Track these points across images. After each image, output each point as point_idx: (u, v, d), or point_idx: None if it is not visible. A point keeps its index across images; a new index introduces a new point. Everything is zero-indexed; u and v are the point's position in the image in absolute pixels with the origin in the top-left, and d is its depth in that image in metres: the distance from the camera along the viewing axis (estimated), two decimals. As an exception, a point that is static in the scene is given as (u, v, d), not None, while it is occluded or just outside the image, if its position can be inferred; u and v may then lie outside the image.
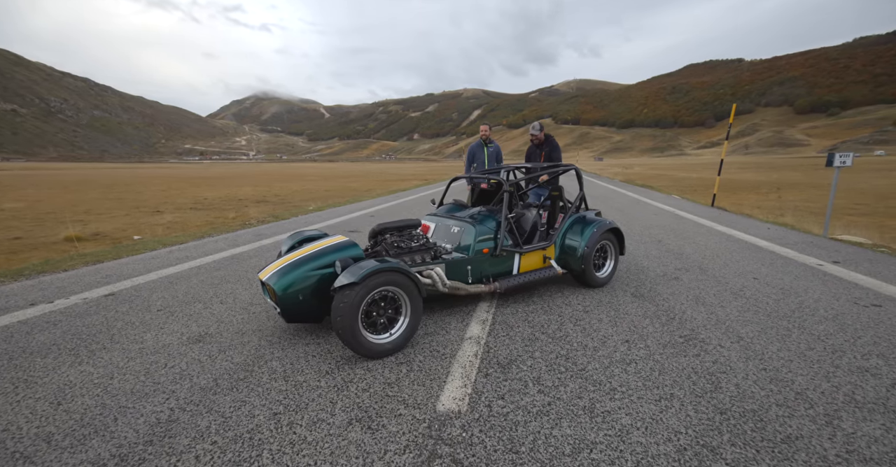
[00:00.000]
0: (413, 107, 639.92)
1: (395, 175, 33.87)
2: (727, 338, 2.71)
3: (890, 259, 4.81)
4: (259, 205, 11.85)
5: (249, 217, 9.18)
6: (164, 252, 5.55)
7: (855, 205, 11.12)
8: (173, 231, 7.53)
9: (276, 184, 22.10)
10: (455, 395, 2.10)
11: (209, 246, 5.92)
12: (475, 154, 5.87)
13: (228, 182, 25.15)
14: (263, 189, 18.80)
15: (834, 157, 7.02)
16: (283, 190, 18.10)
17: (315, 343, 2.78)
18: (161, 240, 6.48)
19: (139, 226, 8.43)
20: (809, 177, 26.55)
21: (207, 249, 5.66)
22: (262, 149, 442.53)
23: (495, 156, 5.82)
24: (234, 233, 6.97)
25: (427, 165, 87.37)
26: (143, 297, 3.68)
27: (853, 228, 7.42)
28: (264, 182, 24.86)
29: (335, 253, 2.86)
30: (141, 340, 2.82)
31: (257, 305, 3.48)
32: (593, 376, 2.25)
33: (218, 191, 17.32)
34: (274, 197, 14.62)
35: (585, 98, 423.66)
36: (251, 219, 8.71)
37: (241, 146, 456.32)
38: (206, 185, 21.56)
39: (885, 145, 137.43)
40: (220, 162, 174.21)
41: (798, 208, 10.38)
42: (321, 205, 11.18)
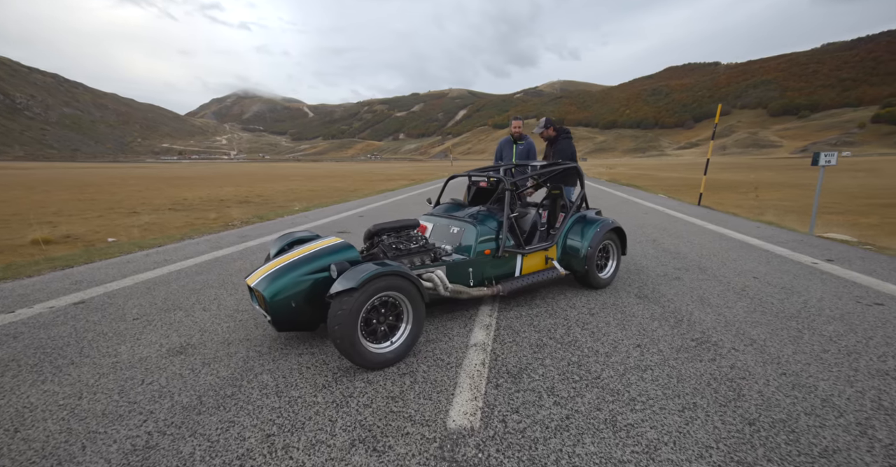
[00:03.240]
0: (398, 106, 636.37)
1: (382, 175, 33.46)
2: (739, 340, 2.62)
3: (880, 257, 4.85)
4: (242, 206, 11.45)
5: (232, 218, 8.83)
6: (140, 255, 5.24)
7: (829, 204, 11.40)
8: (151, 233, 7.16)
9: (258, 185, 21.52)
10: (466, 410, 1.94)
11: (189, 248, 5.62)
12: (503, 151, 5.53)
13: (209, 182, 24.39)
14: (246, 189, 18.26)
15: (819, 157, 7.12)
16: (266, 190, 17.60)
17: (309, 353, 2.58)
18: (137, 242, 6.13)
19: (114, 227, 8.00)
20: (784, 176, 27.28)
21: (188, 252, 5.37)
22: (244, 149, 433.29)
23: (526, 154, 5.33)
24: (216, 235, 6.66)
25: (413, 165, 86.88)
26: (118, 305, 3.41)
27: (831, 226, 7.55)
28: (246, 182, 24.19)
29: (330, 255, 2.67)
30: (114, 353, 2.57)
31: (244, 312, 3.26)
32: (610, 385, 2.12)
33: (198, 192, 16.73)
34: (257, 197, 14.18)
35: (569, 99, 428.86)
36: (234, 220, 8.38)
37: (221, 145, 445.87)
38: (186, 186, 20.85)
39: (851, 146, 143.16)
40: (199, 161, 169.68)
41: (776, 207, 10.56)
42: (307, 206, 10.87)
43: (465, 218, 3.41)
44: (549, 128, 4.92)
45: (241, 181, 25.17)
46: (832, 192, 14.80)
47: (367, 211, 9.73)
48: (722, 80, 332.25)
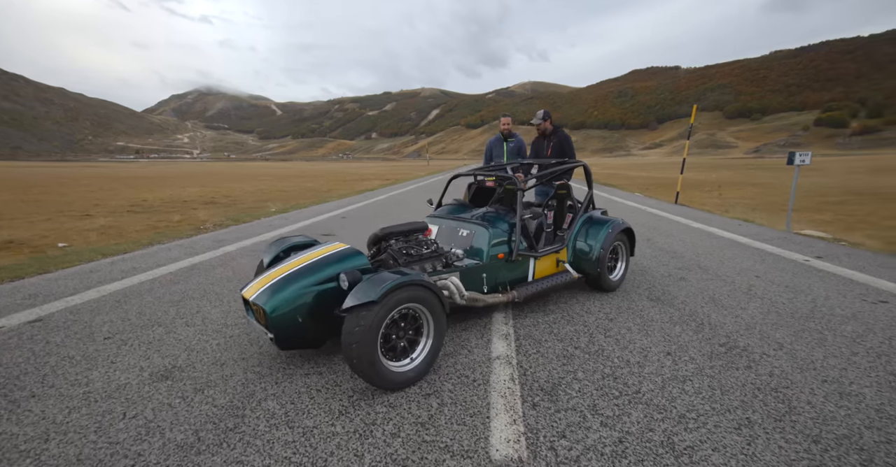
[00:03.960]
0: (370, 105, 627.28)
1: (355, 174, 32.66)
2: (766, 344, 2.55)
3: (863, 253, 5.01)
4: (209, 207, 10.74)
5: (201, 220, 8.25)
6: (104, 263, 4.74)
7: (786, 202, 11.93)
8: (108, 238, 6.54)
9: (225, 185, 20.44)
10: (507, 436, 1.74)
11: (161, 255, 5.15)
12: (493, 149, 5.35)
13: (171, 182, 23.00)
14: (212, 189, 17.26)
15: (794, 156, 7.36)
16: (233, 190, 16.67)
17: (316, 373, 2.32)
18: (98, 248, 5.58)
19: (64, 232, 7.28)
20: (742, 175, 28.47)
21: (159, 259, 4.91)
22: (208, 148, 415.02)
23: (517, 152, 5.21)
24: (188, 240, 6.17)
25: (387, 165, 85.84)
26: (84, 322, 3.00)
27: (795, 223, 7.80)
28: (212, 182, 22.95)
29: (337, 263, 2.41)
30: (86, 381, 2.22)
31: (235, 327, 2.94)
32: (653, 400, 1.98)
33: (159, 193, 15.66)
34: (224, 198, 13.39)
35: (540, 100, 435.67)
36: (205, 223, 7.83)
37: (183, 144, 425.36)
38: (145, 186, 19.53)
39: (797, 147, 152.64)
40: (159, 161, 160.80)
41: (740, 204, 10.90)
42: (284, 207, 10.37)
43: (474, 220, 3.22)
44: (547, 121, 4.78)
45: (206, 181, 23.90)
46: (788, 191, 15.55)
47: (349, 212, 9.37)
48: (682, 83, 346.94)
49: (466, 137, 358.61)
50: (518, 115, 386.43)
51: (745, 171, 34.15)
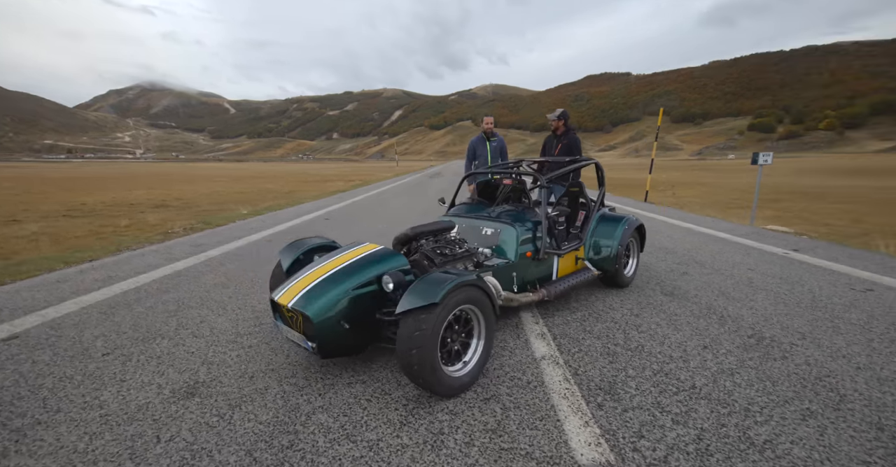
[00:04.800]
0: (331, 105, 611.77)
1: (318, 175, 31.62)
2: (790, 334, 2.67)
3: (830, 245, 5.42)
4: (160, 211, 9.89)
5: (149, 225, 7.64)
6: (71, 272, 4.28)
7: (732, 200, 12.78)
8: (42, 245, 5.86)
9: (176, 186, 19.04)
10: (586, 438, 1.70)
11: (136, 261, 4.72)
12: (476, 149, 5.33)
13: (113, 184, 21.19)
14: (161, 192, 15.96)
15: (758, 157, 7.88)
16: (186, 193, 15.51)
17: (359, 381, 2.17)
18: (58, 256, 5.02)
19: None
20: (689, 176, 30.24)
21: (136, 266, 4.49)
22: (153, 147, 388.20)
23: (499, 151, 5.28)
24: (161, 245, 5.71)
25: (350, 165, 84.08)
26: (71, 338, 2.67)
27: (745, 219, 8.32)
28: (161, 184, 21.29)
29: (377, 264, 2.28)
30: (98, 403, 1.96)
31: (249, 336, 2.71)
32: (712, 394, 2.00)
33: (99, 195, 14.28)
34: (177, 201, 12.38)
35: (501, 102, 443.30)
36: (175, 227, 7.26)
37: (124, 143, 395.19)
38: (81, 188, 17.80)
39: (734, 150, 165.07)
40: (95, 161, 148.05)
41: (693, 203, 11.51)
42: (258, 209, 9.84)
43: (498, 218, 3.16)
44: (561, 121, 4.82)
45: (154, 183, 22.22)
46: (733, 190, 16.67)
47: (331, 213, 9.05)
48: (633, 89, 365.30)
49: (430, 138, 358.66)
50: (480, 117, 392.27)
51: (692, 172, 36.37)
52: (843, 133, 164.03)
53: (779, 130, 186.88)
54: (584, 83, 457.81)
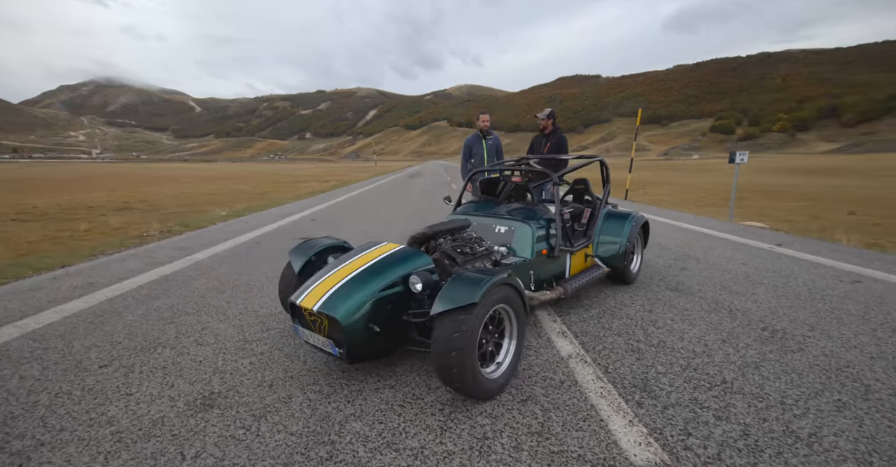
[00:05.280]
0: (303, 104, 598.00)
1: (291, 176, 30.69)
2: (799, 327, 2.75)
3: (808, 240, 5.68)
4: (122, 214, 9.27)
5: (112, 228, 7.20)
6: (44, 279, 3.96)
7: (699, 198, 13.31)
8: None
9: (139, 188, 17.90)
10: (634, 438, 1.67)
11: (115, 266, 4.42)
12: (472, 147, 5.27)
13: (67, 185, 19.81)
14: (123, 193, 14.94)
15: (735, 155, 8.21)
16: (151, 194, 14.59)
17: (387, 386, 2.08)
18: (24, 262, 4.64)
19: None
20: (660, 175, 31.21)
21: (116, 271, 4.21)
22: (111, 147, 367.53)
23: (495, 149, 5.25)
24: (140, 249, 5.39)
25: (324, 166, 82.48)
26: (59, 349, 2.45)
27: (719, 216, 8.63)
28: (122, 185, 19.97)
29: (403, 264, 2.19)
30: (106, 420, 1.79)
31: (258, 343, 2.56)
32: (744, 388, 2.02)
33: (53, 197, 13.23)
34: (141, 203, 11.58)
35: (476, 103, 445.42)
36: (151, 230, 6.87)
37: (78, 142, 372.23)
38: (31, 190, 16.49)
39: (698, 151, 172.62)
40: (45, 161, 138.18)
41: (664, 201, 11.88)
42: (237, 211, 9.47)
43: (510, 216, 3.12)
44: (550, 120, 4.86)
45: (114, 184, 20.92)
46: (700, 188, 17.32)
47: (315, 214, 8.80)
48: (603, 91, 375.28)
49: (406, 138, 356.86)
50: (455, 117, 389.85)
51: (660, 171, 37.62)
52: (795, 135, 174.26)
53: (738, 132, 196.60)
54: (556, 84, 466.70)
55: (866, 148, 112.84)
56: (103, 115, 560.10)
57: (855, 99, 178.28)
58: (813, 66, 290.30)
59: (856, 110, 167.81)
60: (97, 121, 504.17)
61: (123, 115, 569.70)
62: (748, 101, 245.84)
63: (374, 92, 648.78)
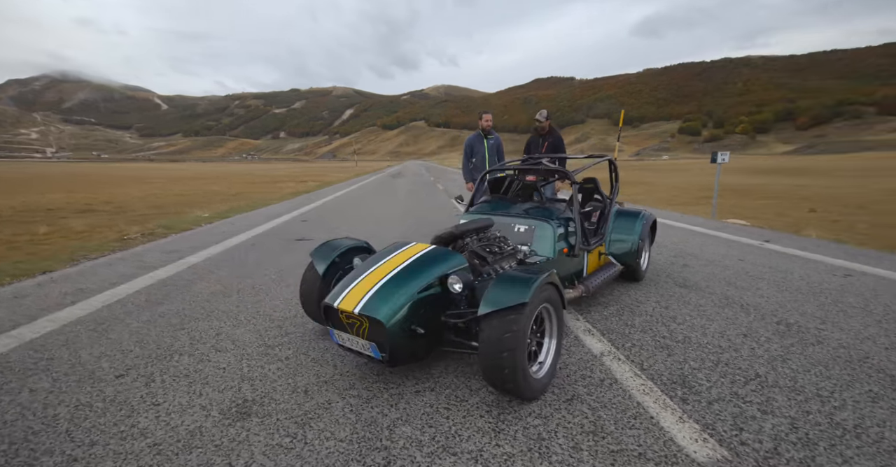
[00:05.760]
0: (276, 102, 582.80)
1: (266, 176, 29.76)
2: (810, 320, 2.85)
3: (791, 236, 5.96)
4: (85, 216, 8.67)
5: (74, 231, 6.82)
6: (28, 286, 3.72)
7: (674, 196, 13.81)
8: None
9: (103, 189, 16.79)
10: (689, 435, 1.68)
11: (104, 271, 4.18)
12: (473, 147, 5.25)
13: (21, 186, 18.38)
14: (85, 195, 13.91)
15: (717, 156, 8.52)
16: (116, 195, 13.68)
17: (425, 388, 2.04)
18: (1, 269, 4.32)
19: None
20: (633, 175, 31.94)
21: (106, 276, 3.98)
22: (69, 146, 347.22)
23: (496, 149, 5.25)
24: (127, 252, 5.13)
25: (300, 166, 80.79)
26: (66, 360, 2.28)
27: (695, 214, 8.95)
28: (83, 186, 18.64)
29: (439, 265, 2.15)
30: (139, 432, 1.68)
31: (280, 347, 2.47)
32: (779, 382, 2.07)
33: (5, 199, 12.21)
34: (106, 205, 10.76)
35: (454, 103, 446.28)
36: (133, 233, 6.52)
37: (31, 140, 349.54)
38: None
39: (667, 151, 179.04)
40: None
41: (641, 201, 12.22)
42: (221, 212, 9.13)
43: (529, 215, 3.12)
44: (547, 121, 4.91)
45: (74, 185, 19.60)
46: (673, 188, 17.91)
47: (305, 214, 8.59)
48: (577, 93, 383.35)
49: (383, 138, 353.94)
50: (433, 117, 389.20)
51: (633, 171, 38.68)
52: (755, 137, 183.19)
53: (704, 134, 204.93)
54: (532, 86, 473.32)
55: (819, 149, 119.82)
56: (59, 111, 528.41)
57: (808, 103, 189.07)
58: (770, 71, 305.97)
59: (809, 114, 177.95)
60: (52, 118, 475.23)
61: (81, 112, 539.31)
62: (713, 104, 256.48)
63: (350, 91, 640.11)
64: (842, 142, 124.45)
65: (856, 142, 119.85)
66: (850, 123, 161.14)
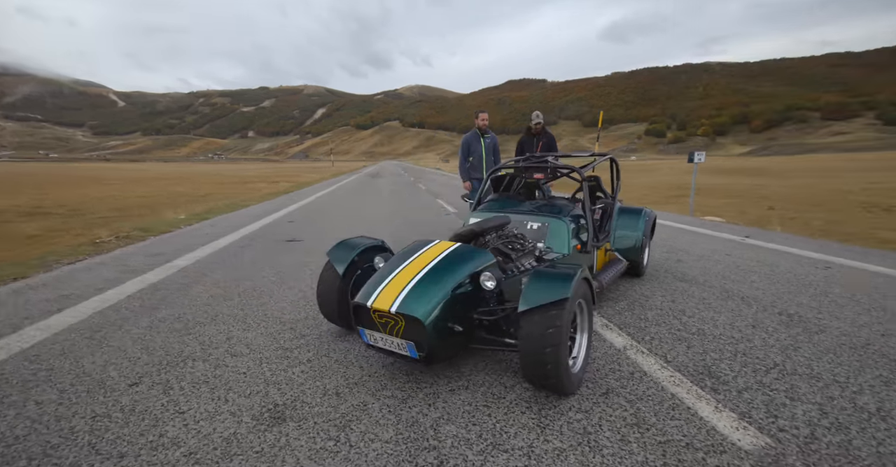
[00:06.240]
0: (244, 100, 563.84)
1: (235, 177, 28.58)
2: (808, 310, 2.99)
3: (768, 232, 6.28)
4: (35, 219, 7.97)
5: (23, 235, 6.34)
6: (2, 293, 3.42)
7: (644, 195, 14.35)
8: None
9: (54, 191, 15.44)
10: (729, 424, 1.73)
11: (84, 276, 3.94)
12: (471, 145, 5.26)
13: None
14: (33, 196, 12.73)
15: (693, 155, 8.92)
16: (71, 197, 12.62)
17: (459, 387, 2.01)
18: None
19: None
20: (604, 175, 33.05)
21: (89, 281, 3.75)
22: (11, 144, 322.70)
23: (493, 148, 5.29)
24: (106, 256, 4.84)
25: (271, 166, 78.54)
26: (70, 370, 2.12)
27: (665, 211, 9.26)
28: (30, 187, 17.12)
29: (469, 262, 2.13)
30: (170, 441, 1.58)
31: (299, 349, 2.38)
32: (797, 370, 2.16)
33: None
34: (59, 207, 9.76)
35: (428, 103, 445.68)
36: (107, 236, 6.13)
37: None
38: None
39: (635, 152, 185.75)
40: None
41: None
42: (199, 213, 8.74)
43: (541, 212, 3.14)
44: (542, 122, 5.02)
45: (22, 186, 18.19)
46: (643, 187, 18.56)
47: (291, 214, 8.35)
48: (549, 94, 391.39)
49: (357, 138, 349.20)
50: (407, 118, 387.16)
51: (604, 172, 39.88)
52: (715, 139, 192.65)
53: (668, 135, 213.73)
54: (505, 87, 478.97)
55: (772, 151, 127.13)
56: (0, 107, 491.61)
57: (761, 108, 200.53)
58: (728, 77, 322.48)
59: (762, 118, 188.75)
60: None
61: (26, 108, 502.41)
62: (676, 108, 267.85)
63: (322, 90, 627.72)
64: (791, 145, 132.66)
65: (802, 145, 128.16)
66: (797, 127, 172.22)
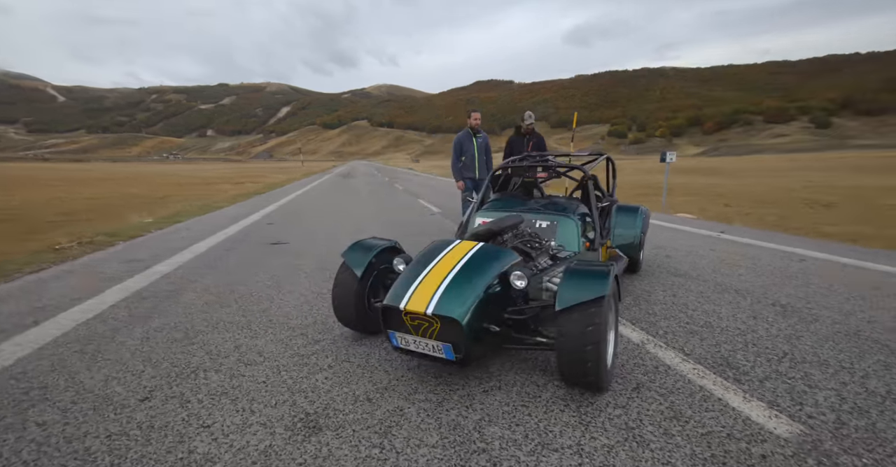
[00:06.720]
0: (202, 97, 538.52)
1: (195, 178, 26.88)
2: (797, 300, 3.15)
3: (739, 227, 6.63)
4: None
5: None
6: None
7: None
8: None
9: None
10: (761, 413, 1.78)
11: (56, 286, 3.64)
12: (463, 145, 5.23)
13: None
14: None
15: (665, 155, 9.36)
16: (9, 200, 11.53)
17: (492, 387, 1.99)
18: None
19: None
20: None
21: (64, 292, 3.47)
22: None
23: (485, 148, 5.28)
24: (75, 263, 4.48)
25: (232, 166, 75.36)
26: (67, 387, 1.94)
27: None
28: None
29: (497, 262, 2.11)
30: (202, 458, 1.47)
31: (315, 355, 2.29)
32: (806, 357, 2.26)
33: None
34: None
35: (397, 103, 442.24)
36: (67, 242, 5.66)
37: None
38: None
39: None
40: None
41: None
42: (166, 216, 8.25)
43: (548, 211, 3.17)
44: (533, 122, 5.09)
45: None
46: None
47: (270, 215, 8.03)
48: (517, 96, 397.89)
49: (324, 138, 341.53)
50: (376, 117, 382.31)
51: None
52: (672, 140, 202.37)
53: (630, 136, 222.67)
54: (474, 88, 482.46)
55: (722, 152, 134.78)
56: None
57: (712, 111, 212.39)
58: (682, 81, 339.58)
59: (713, 120, 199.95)
60: None
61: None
62: (636, 110, 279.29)
63: (286, 87, 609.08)
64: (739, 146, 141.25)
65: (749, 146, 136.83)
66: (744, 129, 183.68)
